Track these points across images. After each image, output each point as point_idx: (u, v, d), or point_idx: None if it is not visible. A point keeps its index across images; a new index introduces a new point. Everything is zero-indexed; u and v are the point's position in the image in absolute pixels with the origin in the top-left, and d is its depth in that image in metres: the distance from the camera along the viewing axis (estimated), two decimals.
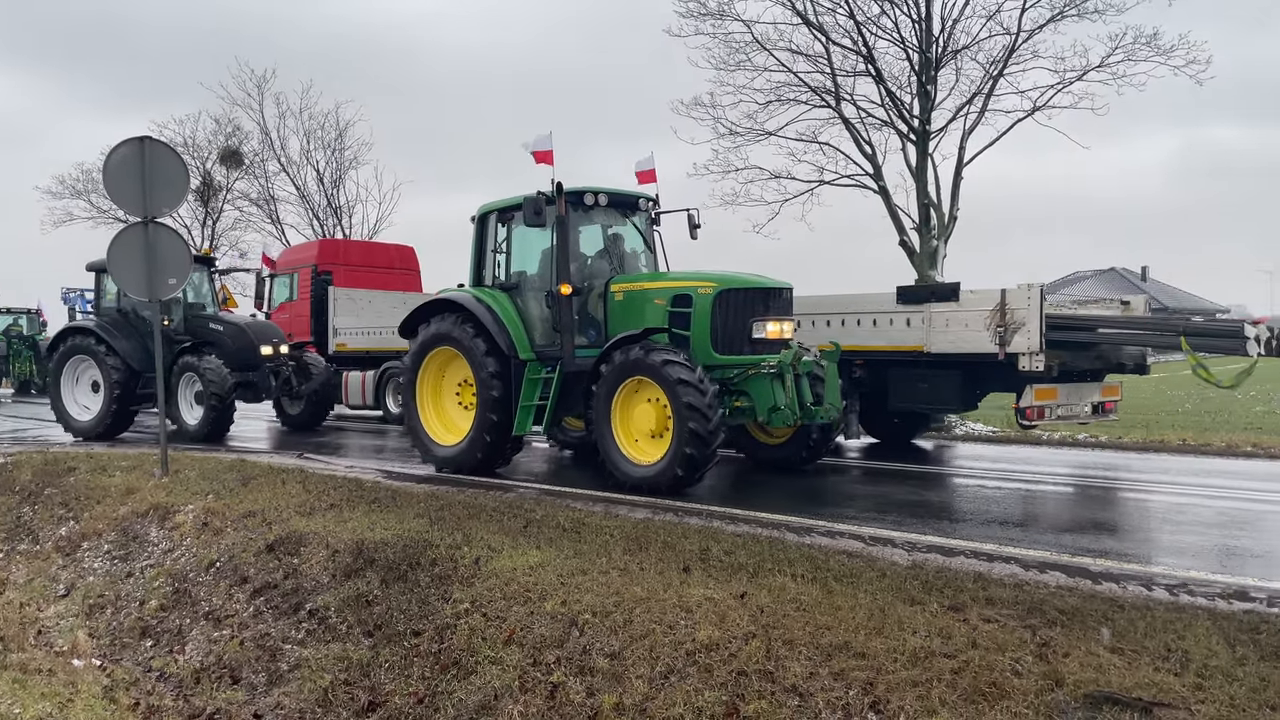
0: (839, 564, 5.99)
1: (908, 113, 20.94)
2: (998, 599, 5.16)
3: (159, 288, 10.41)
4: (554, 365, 10.09)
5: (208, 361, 14.93)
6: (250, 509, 8.51)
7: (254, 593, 7.20)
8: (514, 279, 10.76)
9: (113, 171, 10.24)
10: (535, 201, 9.67)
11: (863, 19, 20.62)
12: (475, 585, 6.19)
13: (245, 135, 33.44)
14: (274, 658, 6.39)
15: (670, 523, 7.46)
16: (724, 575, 5.81)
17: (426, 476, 10.47)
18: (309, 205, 32.98)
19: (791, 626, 4.90)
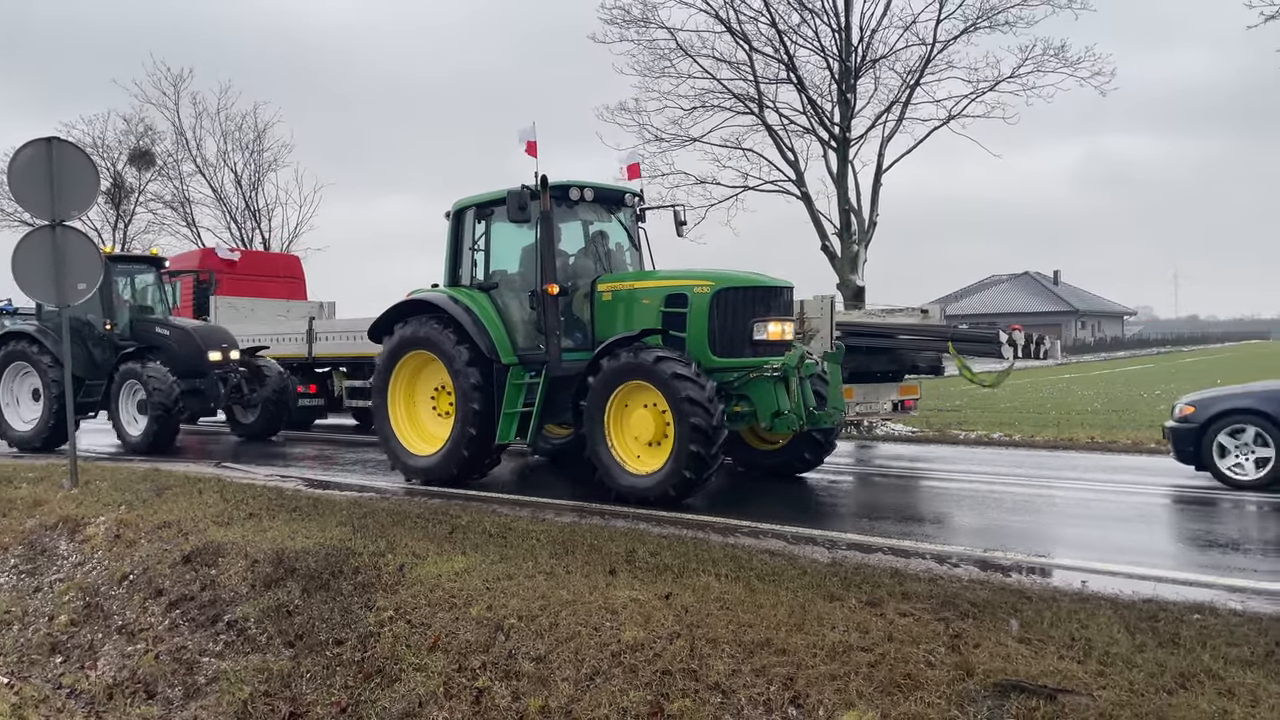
0: (762, 563, 6.10)
1: (828, 120, 21.36)
2: (913, 593, 5.31)
3: (67, 293, 10.07)
4: (538, 370, 9.56)
5: (151, 368, 13.92)
6: (165, 520, 8.29)
7: (169, 605, 7.02)
8: (494, 278, 10.17)
9: (18, 174, 9.89)
10: (519, 195, 9.16)
11: (784, 28, 20.99)
12: (399, 592, 6.15)
13: (159, 135, 32.51)
14: (191, 671, 6.25)
15: (597, 526, 7.49)
16: (649, 577, 5.87)
17: (352, 484, 10.31)
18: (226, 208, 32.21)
19: (715, 625, 4.97)
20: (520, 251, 10.20)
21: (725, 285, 9.09)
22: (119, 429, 14.30)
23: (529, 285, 9.81)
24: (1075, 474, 11.14)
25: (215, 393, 14.81)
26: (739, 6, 20.98)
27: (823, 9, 20.75)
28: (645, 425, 8.67)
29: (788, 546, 6.74)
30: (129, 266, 15.76)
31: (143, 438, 13.90)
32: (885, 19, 20.74)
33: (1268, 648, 4.39)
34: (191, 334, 14.84)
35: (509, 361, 9.64)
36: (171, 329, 14.88)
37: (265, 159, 32.22)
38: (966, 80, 20.92)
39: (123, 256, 16.13)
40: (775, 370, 8.78)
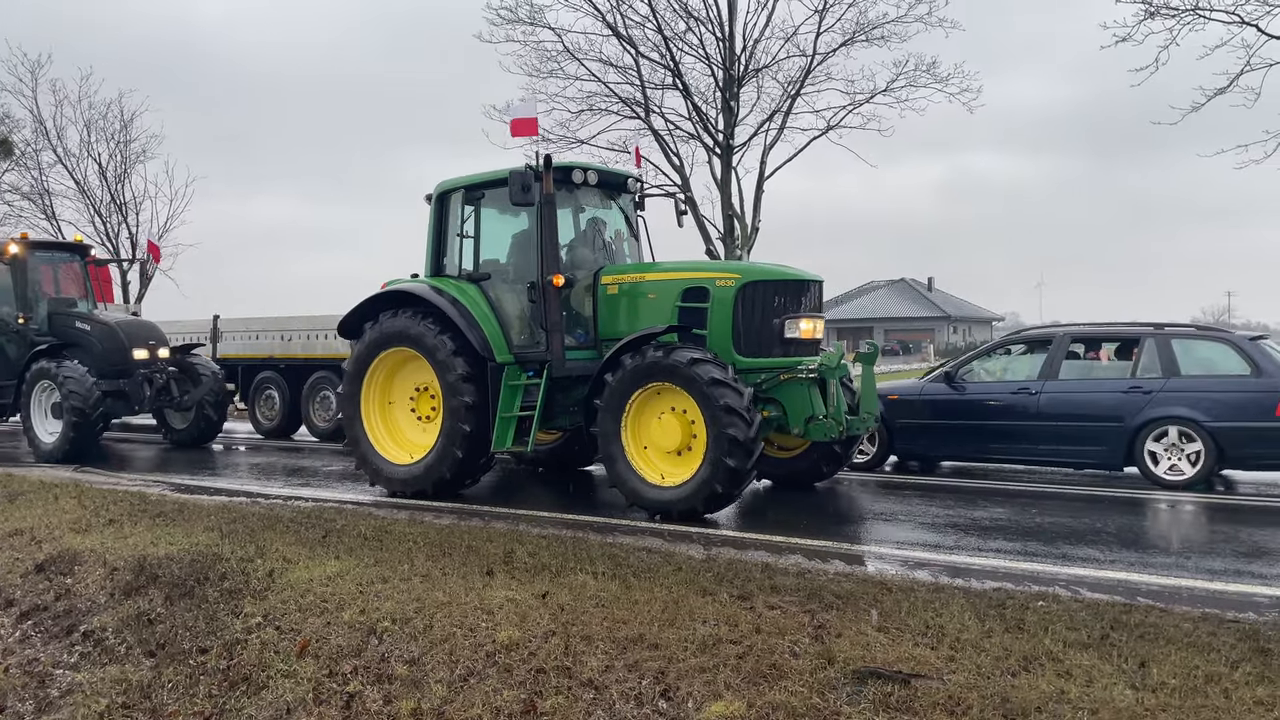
0: (638, 560, 6.19)
1: (713, 127, 21.75)
2: (782, 587, 5.49)
3: None
4: (536, 369, 8.83)
5: (68, 367, 12.65)
6: (17, 527, 7.89)
7: (21, 616, 6.67)
8: (485, 269, 9.35)
9: None
10: (524, 176, 8.35)
11: (670, 34, 21.27)
12: (269, 598, 6.00)
13: (16, 124, 30.66)
14: (43, 684, 5.95)
15: (475, 528, 7.46)
16: (527, 576, 5.88)
17: (220, 489, 9.97)
18: (90, 200, 30.61)
19: (590, 622, 5.03)
20: (512, 239, 9.52)
21: (753, 278, 8.40)
22: (30, 435, 13.09)
23: (525, 276, 9.08)
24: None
25: (140, 394, 13.48)
26: (625, 11, 21.19)
27: (707, 18, 21.15)
28: (669, 432, 7.97)
29: (664, 544, 6.85)
30: (49, 255, 14.55)
31: (57, 444, 12.66)
32: (768, 29, 21.29)
33: (1103, 631, 4.71)
34: (115, 329, 13.54)
35: (504, 360, 8.90)
36: (94, 324, 13.58)
37: (132, 150, 30.74)
38: (844, 92, 21.63)
39: (43, 244, 14.95)
40: (811, 371, 8.18)
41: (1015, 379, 10.67)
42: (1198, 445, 9.36)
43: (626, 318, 8.81)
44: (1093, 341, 10.99)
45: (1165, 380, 9.62)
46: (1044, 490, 9.74)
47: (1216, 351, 9.80)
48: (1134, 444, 9.62)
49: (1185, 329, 10.50)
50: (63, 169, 30.70)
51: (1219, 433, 9.26)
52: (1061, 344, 10.45)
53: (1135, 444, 9.61)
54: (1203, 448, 9.33)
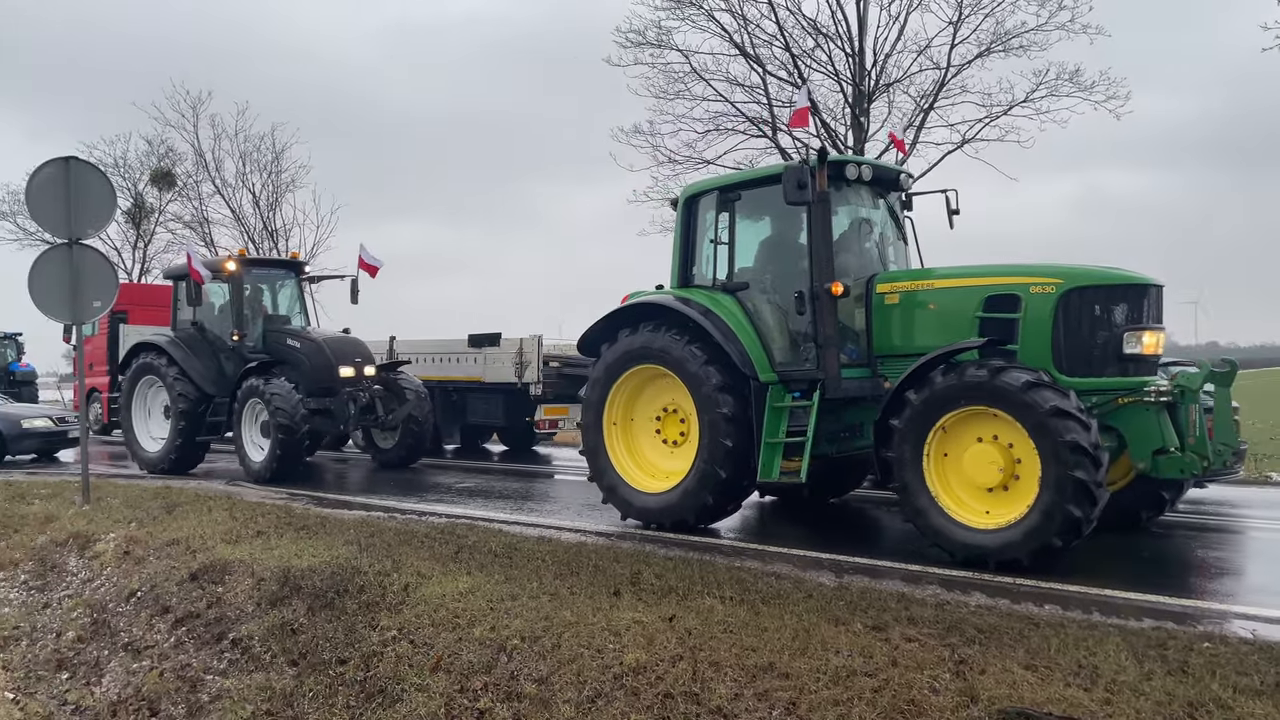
0: (767, 586, 6.06)
1: (842, 144, 21.38)
2: (920, 618, 5.26)
3: (82, 311, 10.18)
4: (803, 390, 7.99)
5: (276, 385, 12.41)
6: (174, 537, 8.32)
7: (175, 623, 7.03)
8: (741, 278, 8.52)
9: (36, 193, 10.03)
10: (798, 172, 7.49)
11: (798, 52, 21.05)
12: (403, 612, 6.13)
13: (179, 157, 32.84)
14: (194, 689, 6.24)
15: (602, 547, 7.46)
16: (654, 599, 5.83)
17: (358, 503, 10.30)
18: (244, 228, 32.45)
19: (718, 648, 4.94)
20: (778, 245, 8.69)
21: (1079, 283, 7.18)
22: (241, 453, 12.93)
23: (789, 285, 8.25)
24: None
25: (345, 413, 13.11)
26: (753, 31, 21.10)
27: (836, 34, 20.84)
28: (983, 465, 6.79)
29: (794, 570, 6.69)
30: (265, 272, 14.61)
31: (265, 464, 12.47)
32: (899, 43, 20.80)
33: (1277, 677, 4.32)
34: (323, 346, 13.30)
35: (767, 379, 8.01)
36: (303, 341, 13.41)
37: (283, 180, 32.46)
38: (980, 105, 20.93)
39: (259, 260, 15.06)
40: (1162, 394, 6.90)
41: None
42: None
43: (908, 330, 7.84)
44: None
45: None
46: (1204, 523, 9.09)
47: None
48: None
49: None
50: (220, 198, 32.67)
51: None
52: None
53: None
54: None
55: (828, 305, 7.70)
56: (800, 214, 8.10)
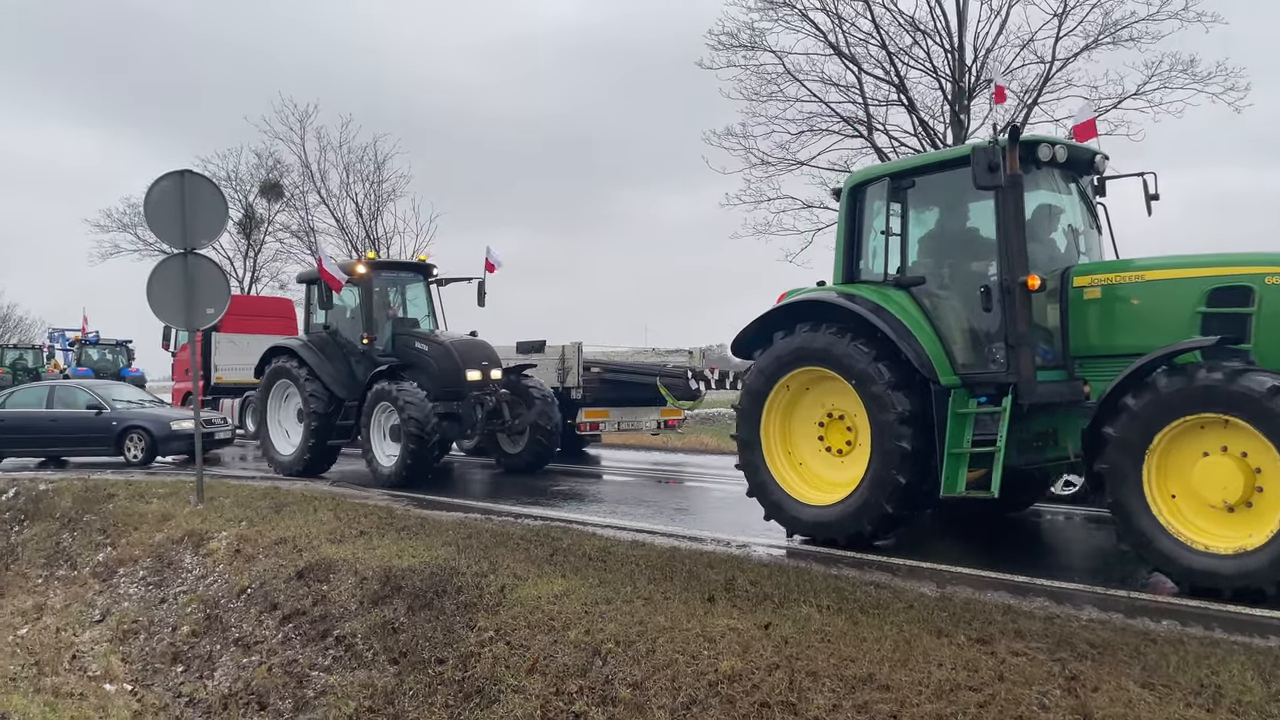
0: (865, 595, 5.92)
1: (941, 142, 20.89)
2: (1027, 631, 5.07)
3: (196, 317, 10.62)
4: (990, 395, 7.31)
5: (406, 388, 12.20)
6: (282, 536, 8.59)
7: (283, 619, 7.25)
8: (916, 272, 7.82)
9: (153, 205, 10.50)
10: (989, 154, 6.83)
11: (895, 49, 20.66)
12: (500, 613, 6.20)
13: (286, 168, 34.09)
14: (301, 684, 6.43)
15: (696, 552, 7.42)
16: (748, 606, 5.76)
17: (457, 505, 10.47)
18: (348, 237, 33.46)
19: (815, 658, 4.85)
20: (948, 235, 8.05)
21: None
22: (369, 457, 12.68)
23: (973, 278, 7.63)
24: None
25: (472, 417, 12.83)
26: (848, 30, 20.80)
27: (935, 30, 20.39)
28: (1215, 481, 6.01)
29: (893, 579, 6.53)
30: (394, 275, 14.52)
31: (395, 469, 12.23)
32: (1001, 38, 20.23)
33: None
34: (450, 350, 13.05)
35: (949, 383, 7.32)
36: (431, 344, 13.20)
37: (385, 189, 33.37)
38: (1088, 98, 20.16)
39: (389, 263, 14.93)
40: None
41: None
42: None
43: (1110, 328, 7.07)
44: None
45: None
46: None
47: None
48: None
49: None
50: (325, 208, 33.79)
51: None
52: None
53: None
54: None
55: (1021, 300, 6.96)
56: (985, 200, 7.39)
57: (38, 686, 6.54)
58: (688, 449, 19.21)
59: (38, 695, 6.07)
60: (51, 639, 8.15)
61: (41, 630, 8.47)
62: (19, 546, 11.16)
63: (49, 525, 11.30)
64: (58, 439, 16.40)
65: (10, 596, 9.76)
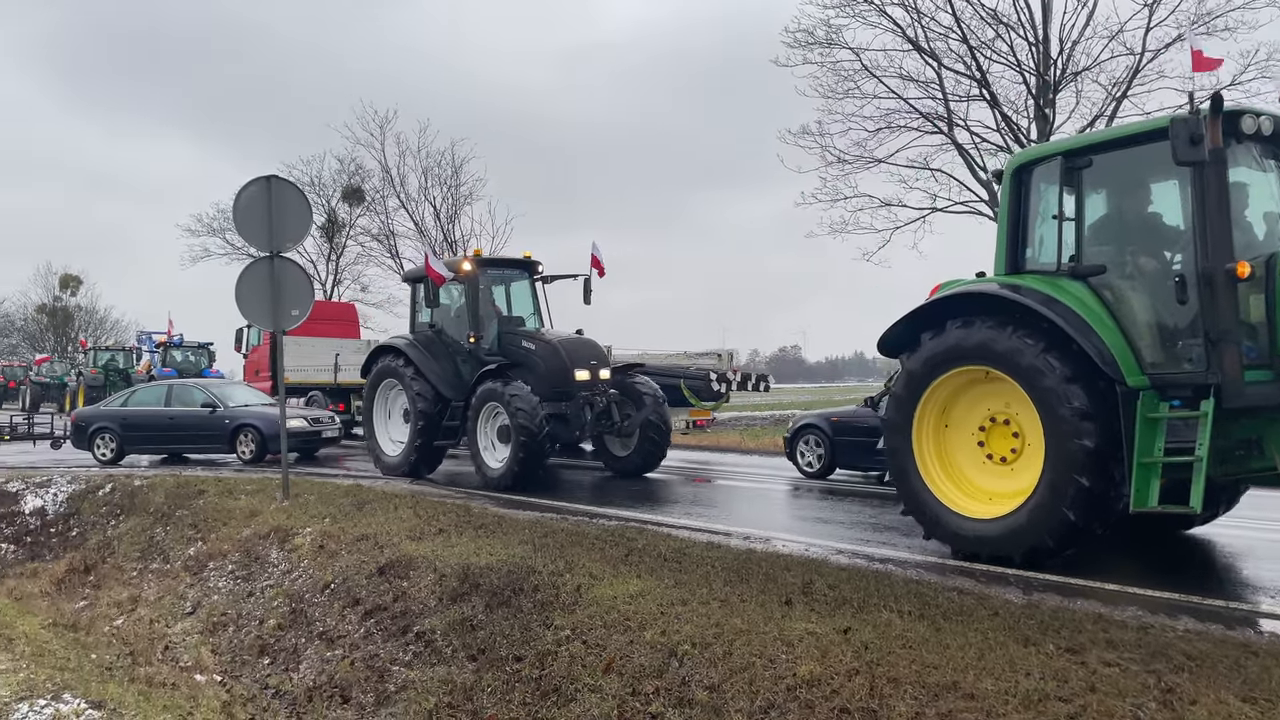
0: (948, 601, 5.79)
1: (1025, 137, 20.36)
2: (1119, 641, 4.89)
3: (282, 319, 10.90)
4: (1186, 398, 6.54)
5: (515, 388, 11.78)
6: (364, 533, 8.76)
7: (365, 614, 7.39)
8: (1093, 260, 7.03)
9: (242, 209, 10.82)
10: (1191, 125, 6.08)
11: (976, 43, 20.21)
12: (576, 612, 6.22)
13: (367, 173, 34.86)
14: (382, 679, 6.54)
15: (772, 554, 7.34)
16: (827, 609, 5.68)
17: (532, 504, 10.54)
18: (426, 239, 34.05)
19: (897, 664, 4.75)
20: (1130, 218, 7.30)
21: None
22: (477, 459, 12.29)
23: (1164, 267, 6.88)
24: None
25: (581, 419, 12.37)
26: (927, 24, 20.42)
27: (1018, 22, 19.89)
28: None
29: (977, 585, 6.36)
30: (499, 272, 14.15)
31: (504, 471, 11.77)
32: (1088, 29, 19.64)
33: None
34: (558, 348, 12.64)
35: (1136, 384, 6.56)
36: (538, 343, 12.85)
37: (462, 193, 33.88)
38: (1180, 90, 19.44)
39: (495, 260, 14.40)
40: None
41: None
42: None
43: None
44: None
45: None
46: None
47: None
48: None
49: None
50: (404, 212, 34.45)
51: None
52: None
53: None
54: None
55: (1225, 291, 6.15)
56: (1175, 179, 6.65)
57: (132, 676, 6.77)
58: (719, 448, 19.20)
59: (132, 684, 6.28)
60: (145, 630, 8.45)
61: (136, 621, 8.79)
62: (115, 540, 11.61)
63: (143, 520, 11.73)
64: (175, 436, 16.79)
65: (107, 588, 10.15)
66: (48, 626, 8.07)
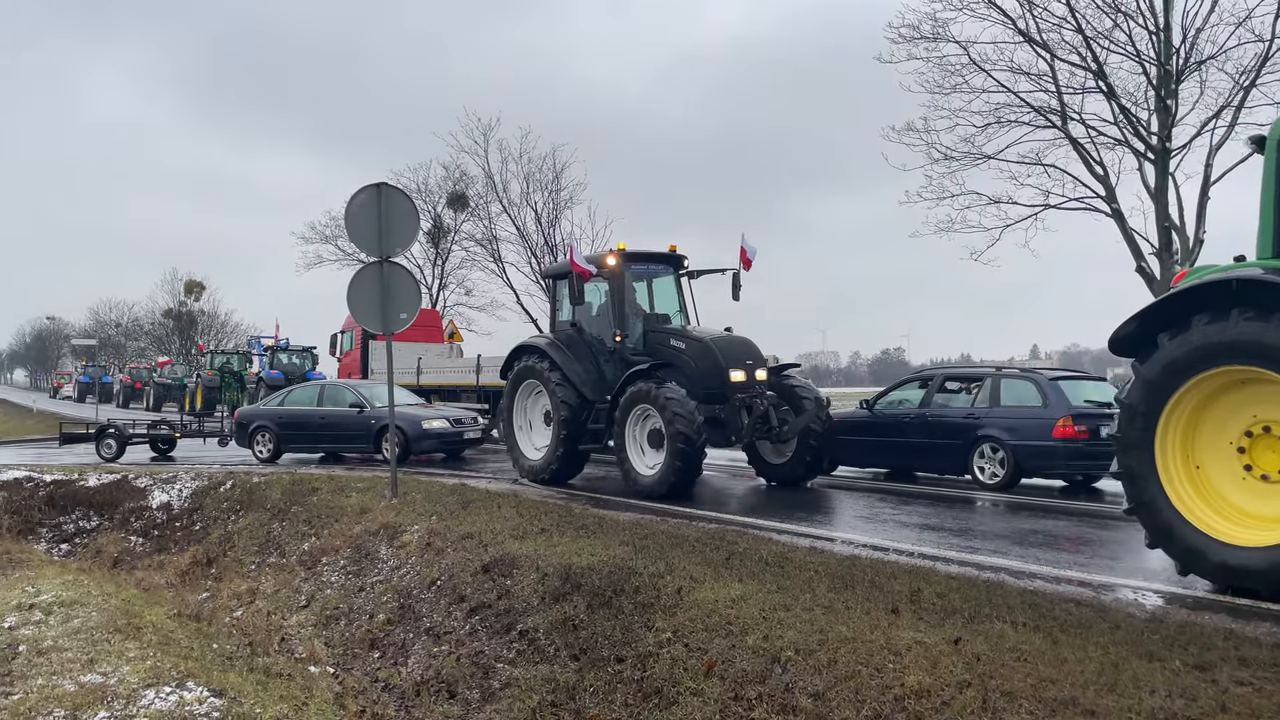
0: (1065, 612, 5.56)
1: (1144, 130, 19.49)
2: (1253, 659, 4.61)
3: (391, 322, 11.19)
4: None
5: (670, 390, 10.94)
6: (469, 531, 8.92)
7: (470, 611, 7.52)
8: None
9: (353, 215, 11.16)
10: None
11: (1092, 34, 19.43)
12: (677, 615, 6.19)
13: (471, 180, 35.55)
14: (487, 675, 6.64)
15: (878, 561, 7.18)
16: (936, 619, 5.52)
17: (632, 505, 10.57)
18: (528, 244, 34.54)
19: (1011, 677, 4.57)
20: None
21: None
22: (625, 465, 11.52)
23: None
24: None
25: (737, 423, 11.46)
26: (1039, 15, 19.73)
27: (1138, 10, 19.04)
28: None
29: (1094, 595, 6.10)
30: (643, 267, 13.26)
31: (658, 478, 10.98)
32: (1212, 15, 18.67)
33: None
34: (711, 347, 11.82)
35: None
36: (688, 341, 12.08)
37: (562, 198, 34.23)
38: None
39: (639, 254, 13.10)
40: None
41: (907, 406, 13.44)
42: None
43: None
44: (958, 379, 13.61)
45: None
46: None
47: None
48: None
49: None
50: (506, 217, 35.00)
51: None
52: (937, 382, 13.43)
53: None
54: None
55: None
56: None
57: (251, 666, 7.04)
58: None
59: (251, 674, 6.53)
60: (263, 621, 8.78)
61: (254, 613, 9.14)
62: (235, 535, 12.11)
63: (261, 515, 12.21)
64: (326, 435, 17.23)
65: (227, 581, 10.59)
66: (173, 616, 8.46)
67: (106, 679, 5.43)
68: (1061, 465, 11.85)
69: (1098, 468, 11.58)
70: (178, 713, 4.97)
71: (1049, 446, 11.55)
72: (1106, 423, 11.14)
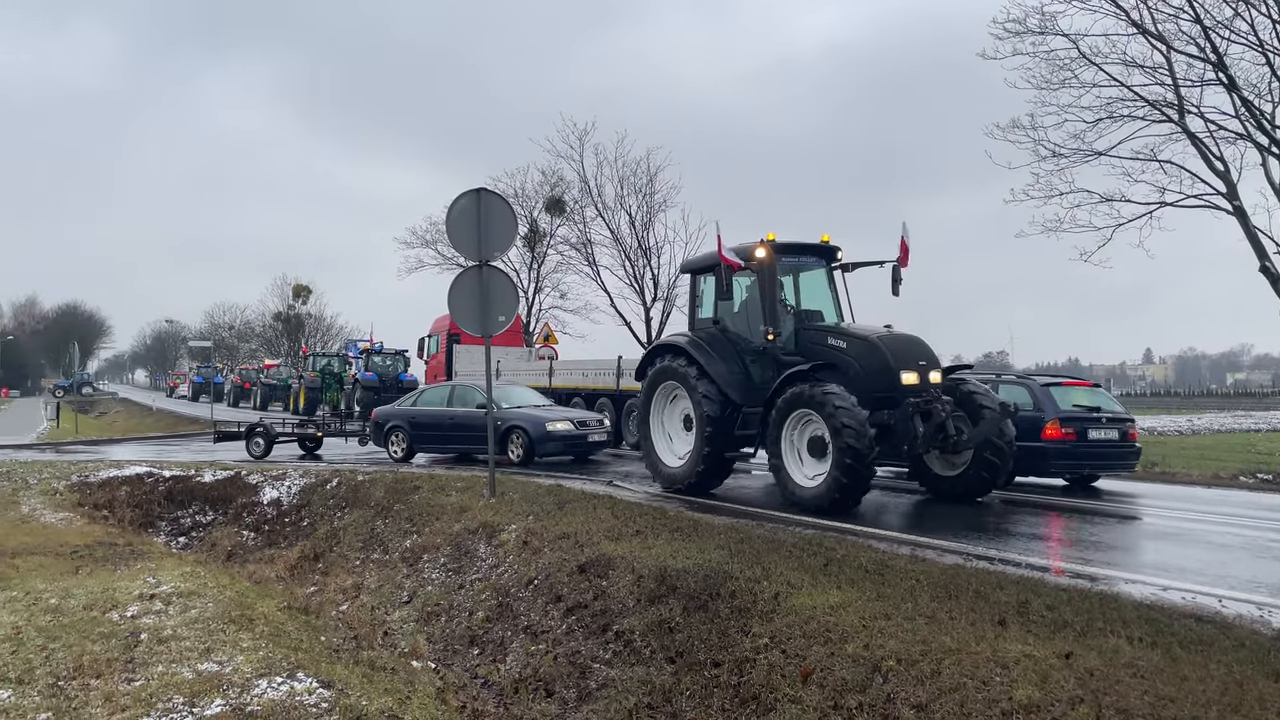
0: (1185, 629, 5.31)
1: (1268, 123, 18.51)
2: None
3: (491, 325, 11.39)
4: None
5: (837, 394, 9.83)
6: (565, 531, 9.01)
7: (566, 611, 7.58)
8: None
9: (454, 220, 11.40)
10: None
11: (1211, 24, 18.54)
12: (774, 620, 6.13)
13: (567, 185, 35.94)
14: (584, 675, 6.68)
15: (984, 570, 6.97)
16: (1046, 632, 5.33)
17: (725, 508, 10.51)
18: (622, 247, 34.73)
19: (1127, 694, 4.39)
20: None
21: None
22: (780, 475, 10.52)
23: None
24: None
25: (911, 432, 10.10)
26: (1154, 6, 18.92)
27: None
28: None
29: (1218, 610, 5.80)
30: (792, 260, 12.23)
31: (821, 491, 9.93)
32: None
33: None
34: (878, 346, 10.64)
35: None
36: (849, 339, 10.98)
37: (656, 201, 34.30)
38: None
39: (788, 245, 11.95)
40: None
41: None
42: None
43: None
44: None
45: None
46: None
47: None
48: None
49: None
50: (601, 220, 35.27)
51: None
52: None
53: None
54: None
55: None
56: None
57: (356, 659, 7.22)
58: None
59: (356, 667, 6.70)
60: (367, 616, 9.02)
61: (359, 608, 9.40)
62: (341, 531, 12.47)
63: (365, 513, 12.55)
64: (455, 436, 17.30)
65: (334, 575, 10.92)
66: (283, 609, 8.74)
67: (222, 668, 5.64)
68: (1050, 465, 12.70)
69: (1084, 468, 13.07)
70: (289, 702, 5.13)
71: (1039, 447, 12.35)
72: (1094, 426, 12.90)
